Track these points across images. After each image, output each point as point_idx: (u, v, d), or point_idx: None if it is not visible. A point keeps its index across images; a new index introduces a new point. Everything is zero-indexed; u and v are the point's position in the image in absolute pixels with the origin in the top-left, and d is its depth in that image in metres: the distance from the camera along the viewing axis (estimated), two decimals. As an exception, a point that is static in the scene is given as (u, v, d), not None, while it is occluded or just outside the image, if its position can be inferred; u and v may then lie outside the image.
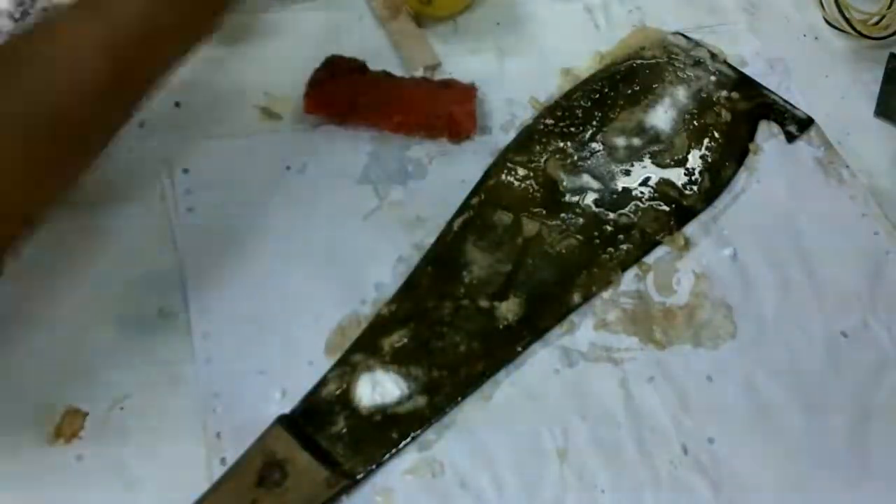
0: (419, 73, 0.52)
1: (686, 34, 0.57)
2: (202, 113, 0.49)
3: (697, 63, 0.56)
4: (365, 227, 0.46)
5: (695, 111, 0.53)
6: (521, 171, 0.49)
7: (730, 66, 0.56)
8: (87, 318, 0.42)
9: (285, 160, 0.48)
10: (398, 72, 0.52)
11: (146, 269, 0.44)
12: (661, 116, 0.53)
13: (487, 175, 0.49)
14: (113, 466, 0.38)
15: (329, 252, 0.45)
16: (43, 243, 0.43)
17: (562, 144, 0.51)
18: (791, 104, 0.54)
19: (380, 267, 0.45)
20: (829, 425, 0.43)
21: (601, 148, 0.51)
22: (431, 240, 0.46)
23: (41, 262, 0.43)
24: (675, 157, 0.51)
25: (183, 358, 0.41)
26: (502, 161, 0.50)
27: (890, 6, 0.55)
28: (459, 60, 0.54)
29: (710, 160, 0.51)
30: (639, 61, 0.55)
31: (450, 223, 0.47)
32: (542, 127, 0.51)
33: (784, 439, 0.42)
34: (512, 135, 0.51)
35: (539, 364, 0.43)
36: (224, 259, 0.44)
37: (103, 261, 0.43)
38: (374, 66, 0.51)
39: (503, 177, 0.49)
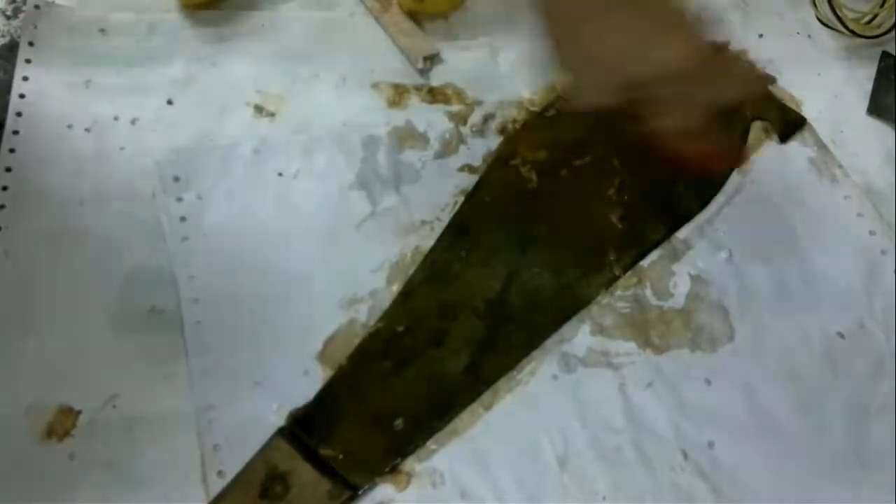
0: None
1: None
2: (194, 111, 0.48)
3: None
4: (358, 233, 0.46)
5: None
6: (514, 175, 0.49)
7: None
8: (78, 315, 0.41)
9: (277, 166, 0.47)
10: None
11: (138, 265, 0.43)
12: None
13: (482, 179, 0.48)
14: (106, 465, 0.38)
15: (323, 260, 0.44)
16: (34, 242, 0.43)
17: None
18: (783, 103, 0.54)
19: (374, 274, 0.45)
20: (828, 427, 0.43)
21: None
22: (426, 246, 0.46)
23: (33, 260, 0.42)
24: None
25: (175, 355, 0.41)
26: (496, 165, 0.49)
27: (882, 5, 0.55)
28: (452, 58, 0.54)
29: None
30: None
31: (444, 230, 0.46)
32: (534, 128, 0.51)
33: (783, 442, 0.42)
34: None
35: (537, 371, 0.43)
36: (216, 269, 0.43)
37: (95, 258, 0.43)
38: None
39: (497, 181, 0.48)
